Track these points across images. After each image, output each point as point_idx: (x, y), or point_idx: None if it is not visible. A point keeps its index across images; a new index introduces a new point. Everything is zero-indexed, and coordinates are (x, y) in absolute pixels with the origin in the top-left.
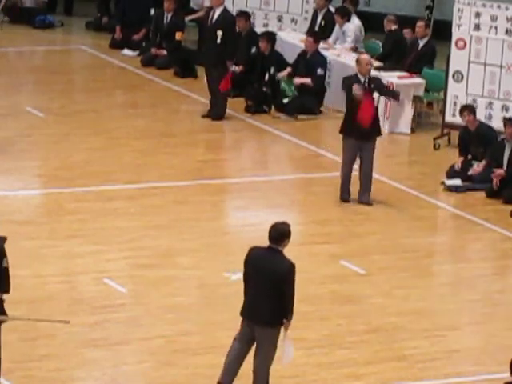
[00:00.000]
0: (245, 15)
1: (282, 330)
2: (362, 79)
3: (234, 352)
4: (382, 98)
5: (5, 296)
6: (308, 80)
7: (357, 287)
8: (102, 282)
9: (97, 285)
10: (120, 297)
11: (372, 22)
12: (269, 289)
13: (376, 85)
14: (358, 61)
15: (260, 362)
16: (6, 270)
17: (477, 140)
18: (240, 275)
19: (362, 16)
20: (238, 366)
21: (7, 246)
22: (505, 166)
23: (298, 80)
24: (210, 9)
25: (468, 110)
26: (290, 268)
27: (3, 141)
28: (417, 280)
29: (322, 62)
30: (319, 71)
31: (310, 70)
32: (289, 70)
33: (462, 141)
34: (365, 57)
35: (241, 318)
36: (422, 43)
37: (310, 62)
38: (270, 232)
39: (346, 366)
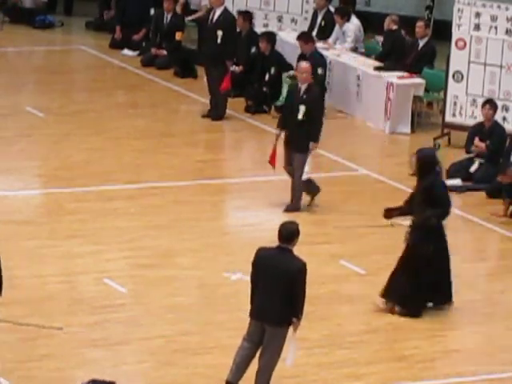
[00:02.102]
0: (244, 14)
1: (291, 329)
2: (299, 85)
3: (243, 352)
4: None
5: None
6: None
7: (357, 287)
8: (102, 282)
9: (97, 285)
10: (120, 297)
11: (372, 22)
12: (280, 289)
13: (308, 97)
14: (296, 68)
15: (266, 362)
16: None
17: (487, 137)
18: (240, 275)
19: (361, 16)
20: (246, 365)
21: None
22: None
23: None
24: (211, 9)
25: (491, 104)
26: (302, 267)
27: (3, 141)
28: None
29: (322, 62)
30: (320, 71)
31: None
32: (291, 72)
33: (471, 134)
34: (303, 65)
35: (247, 319)
36: (421, 43)
37: (310, 64)
38: (280, 231)
39: (346, 366)
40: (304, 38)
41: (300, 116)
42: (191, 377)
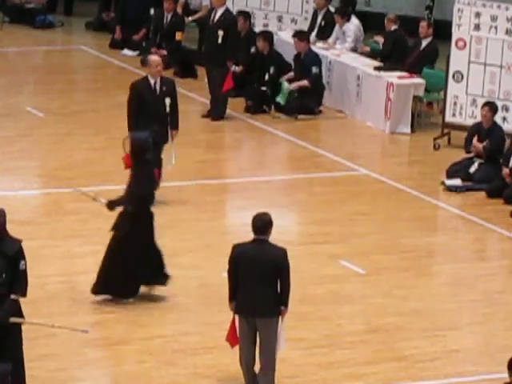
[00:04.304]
0: (243, 15)
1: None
2: (153, 81)
3: (246, 359)
4: None
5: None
6: (305, 82)
7: (357, 287)
8: None
9: None
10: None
11: (372, 22)
12: (268, 279)
13: (168, 89)
14: (147, 62)
15: (267, 353)
16: (24, 272)
17: (485, 137)
18: None
19: (361, 16)
20: (254, 367)
21: None
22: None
23: (294, 85)
24: (212, 9)
25: (490, 106)
26: (285, 253)
27: (3, 141)
28: (417, 280)
29: (316, 60)
30: (314, 70)
31: (305, 71)
32: (291, 74)
33: (469, 135)
34: (155, 58)
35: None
36: (424, 43)
37: (305, 63)
38: (254, 224)
39: (346, 366)
40: (299, 35)
41: (168, 109)
42: (191, 377)
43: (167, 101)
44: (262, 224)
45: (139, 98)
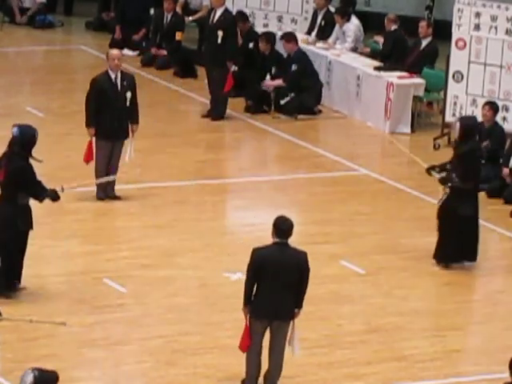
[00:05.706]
0: (241, 18)
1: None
2: (113, 76)
3: (254, 365)
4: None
5: None
6: (279, 81)
7: (357, 287)
8: (102, 281)
9: (96, 285)
10: (120, 297)
11: (372, 22)
12: (289, 282)
13: (128, 83)
14: (107, 55)
15: (278, 355)
16: None
17: (486, 136)
18: (240, 275)
19: (361, 16)
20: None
21: None
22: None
23: (267, 83)
24: (212, 9)
25: (490, 105)
26: (307, 256)
27: (3, 141)
28: (417, 280)
29: (299, 58)
30: (293, 67)
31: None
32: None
33: None
34: (113, 52)
35: (241, 320)
36: (424, 43)
37: (291, 62)
38: (279, 227)
39: (346, 366)
40: (286, 37)
41: (128, 103)
42: (191, 377)
43: (128, 95)
44: (287, 228)
45: (100, 93)
